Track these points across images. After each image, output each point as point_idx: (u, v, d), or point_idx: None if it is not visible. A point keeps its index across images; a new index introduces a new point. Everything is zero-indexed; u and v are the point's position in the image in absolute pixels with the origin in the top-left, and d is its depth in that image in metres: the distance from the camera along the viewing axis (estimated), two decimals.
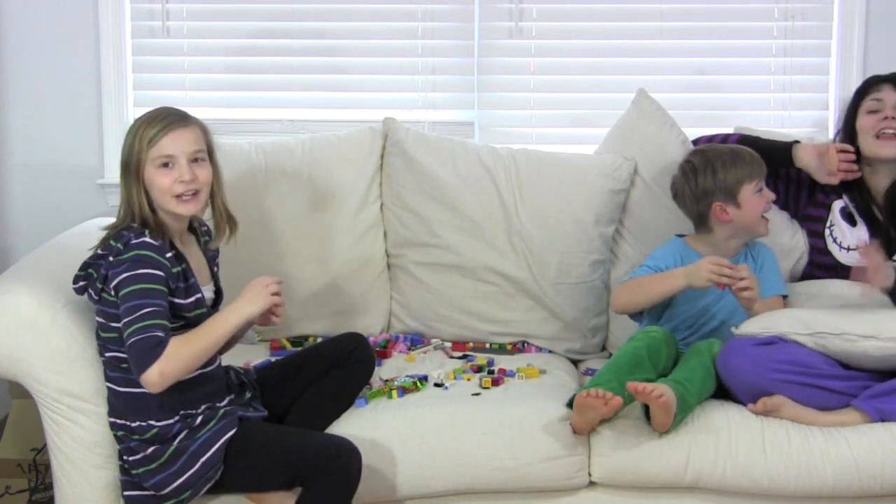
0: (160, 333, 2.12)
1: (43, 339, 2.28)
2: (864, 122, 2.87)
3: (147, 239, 2.18)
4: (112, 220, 2.28)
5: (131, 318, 2.12)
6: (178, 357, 2.12)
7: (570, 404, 2.40)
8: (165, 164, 2.21)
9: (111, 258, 2.17)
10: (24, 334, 2.27)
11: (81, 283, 2.24)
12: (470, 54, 3.38)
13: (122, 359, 2.22)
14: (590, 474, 2.42)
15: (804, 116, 3.37)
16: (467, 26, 3.37)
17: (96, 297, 2.22)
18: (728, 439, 2.37)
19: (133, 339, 2.11)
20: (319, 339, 2.88)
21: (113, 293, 2.17)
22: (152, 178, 2.21)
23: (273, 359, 2.66)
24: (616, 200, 2.97)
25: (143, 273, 2.15)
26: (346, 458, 2.20)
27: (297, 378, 2.44)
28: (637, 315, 2.77)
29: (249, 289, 2.26)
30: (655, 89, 3.08)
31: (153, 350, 2.10)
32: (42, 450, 2.90)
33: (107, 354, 2.26)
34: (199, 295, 2.28)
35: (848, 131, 2.91)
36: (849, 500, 2.39)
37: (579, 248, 2.94)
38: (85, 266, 2.24)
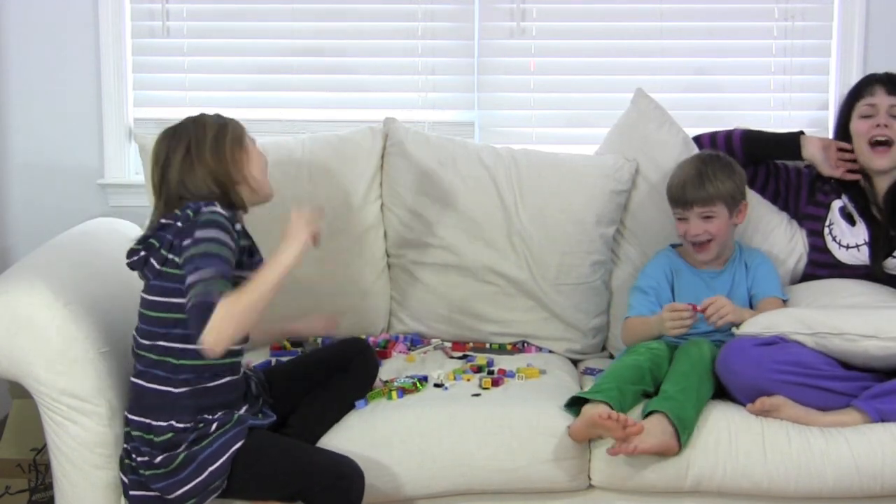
0: (215, 300, 2.09)
1: (43, 339, 2.27)
2: (857, 127, 2.87)
3: (218, 209, 2.22)
4: (114, 219, 2.28)
5: (194, 277, 2.11)
6: (228, 317, 2.08)
7: (569, 407, 2.40)
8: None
9: (179, 224, 2.19)
10: (24, 334, 2.27)
11: (142, 255, 2.23)
12: (470, 54, 3.38)
13: (166, 348, 2.21)
14: (589, 477, 2.42)
15: (804, 116, 3.37)
16: (467, 26, 3.37)
17: (158, 267, 2.21)
18: (728, 440, 2.37)
19: (192, 303, 2.10)
20: (319, 340, 2.88)
21: (180, 257, 2.16)
22: (255, 157, 2.32)
23: (273, 359, 2.67)
24: (617, 201, 2.96)
25: (216, 235, 2.16)
26: (349, 479, 2.20)
27: (301, 382, 2.45)
28: None
29: (287, 229, 2.25)
30: (655, 89, 3.08)
31: (206, 314, 2.07)
32: (42, 450, 2.90)
33: (152, 342, 2.22)
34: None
35: (842, 132, 2.92)
36: (849, 501, 2.39)
37: (580, 249, 2.93)
38: (144, 238, 2.24)
